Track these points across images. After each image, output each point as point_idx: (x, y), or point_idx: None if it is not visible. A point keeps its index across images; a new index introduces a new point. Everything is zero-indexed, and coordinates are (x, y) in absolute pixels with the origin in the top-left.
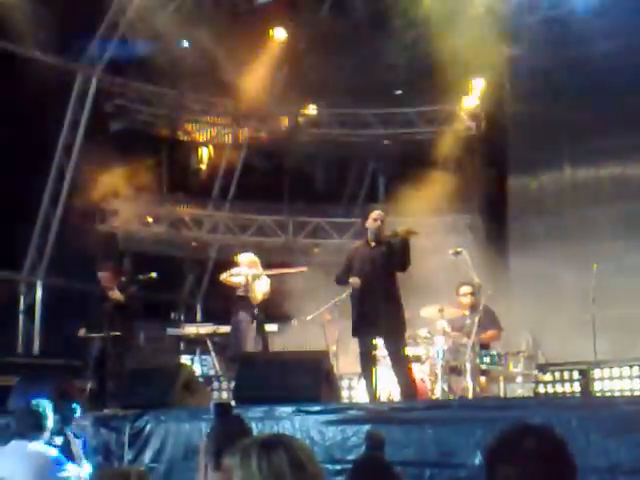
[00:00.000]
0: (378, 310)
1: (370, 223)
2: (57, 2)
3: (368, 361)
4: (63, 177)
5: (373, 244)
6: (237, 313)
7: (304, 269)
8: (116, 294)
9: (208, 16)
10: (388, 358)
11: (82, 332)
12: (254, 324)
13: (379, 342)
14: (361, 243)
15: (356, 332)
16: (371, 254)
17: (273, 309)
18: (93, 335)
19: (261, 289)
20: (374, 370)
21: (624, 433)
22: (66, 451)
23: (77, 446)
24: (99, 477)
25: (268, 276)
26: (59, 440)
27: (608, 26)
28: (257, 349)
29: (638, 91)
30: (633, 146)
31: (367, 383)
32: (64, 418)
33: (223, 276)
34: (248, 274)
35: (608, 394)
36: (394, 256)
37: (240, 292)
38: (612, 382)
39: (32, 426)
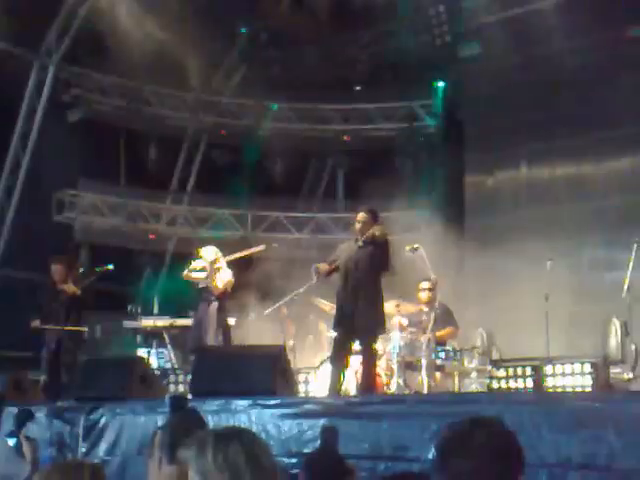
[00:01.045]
0: (357, 307)
1: (355, 225)
2: None
3: (340, 355)
4: (19, 167)
5: (360, 244)
6: (199, 305)
7: (262, 247)
8: (70, 287)
9: (168, 8)
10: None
11: (36, 323)
12: (215, 316)
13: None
14: (350, 241)
15: (335, 327)
16: (357, 253)
17: (230, 302)
18: (48, 327)
19: (223, 278)
20: (344, 366)
21: (575, 429)
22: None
23: (31, 450)
24: (52, 470)
25: (229, 262)
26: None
27: (564, 25)
28: (219, 341)
29: (593, 90)
30: (587, 145)
31: (332, 377)
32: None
33: (185, 272)
34: (207, 266)
35: (560, 390)
36: (377, 256)
37: (202, 284)
38: (564, 378)
39: None
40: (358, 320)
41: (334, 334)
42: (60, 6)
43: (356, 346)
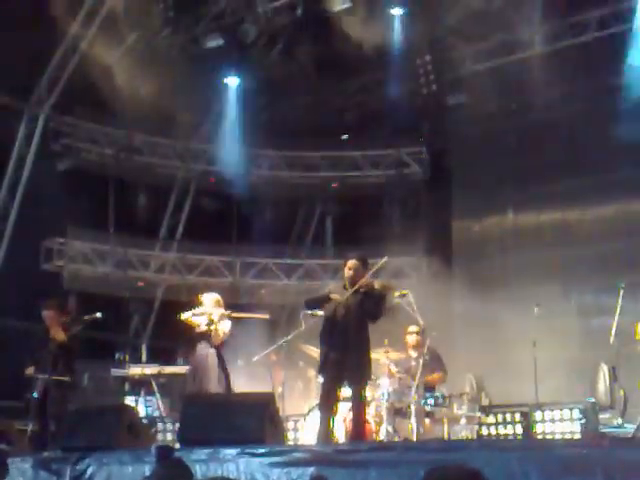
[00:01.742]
0: (345, 355)
1: (345, 272)
2: (6, 41)
3: (329, 403)
4: (7, 216)
5: (350, 291)
6: (198, 350)
7: (267, 316)
8: (59, 334)
9: (159, 58)
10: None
11: (30, 371)
12: (216, 365)
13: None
14: (339, 286)
15: (321, 372)
16: (347, 300)
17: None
18: (37, 375)
19: (224, 329)
20: (333, 412)
21: (564, 476)
22: None
23: None
24: None
25: (230, 317)
26: None
27: (548, 74)
28: (221, 387)
29: (578, 138)
30: (573, 192)
31: (322, 423)
32: None
33: (185, 315)
34: (212, 313)
35: (549, 436)
36: (368, 306)
37: (201, 329)
38: (553, 424)
39: None
40: (347, 368)
41: (322, 380)
42: (51, 57)
43: (344, 393)
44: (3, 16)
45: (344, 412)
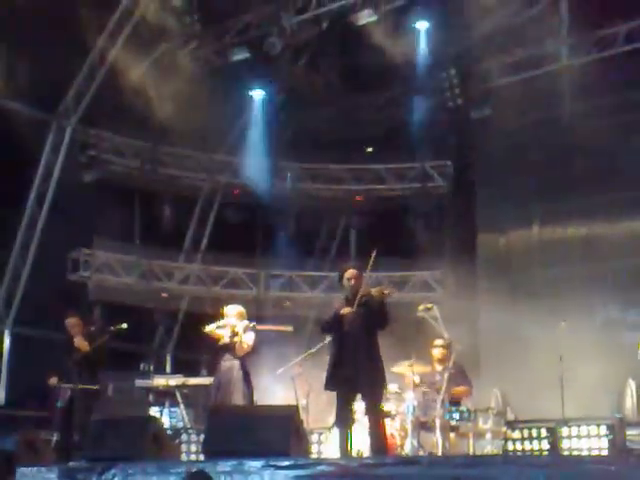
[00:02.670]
0: (357, 369)
1: (345, 282)
2: (34, 54)
3: (344, 417)
4: (35, 226)
5: (356, 301)
6: (222, 362)
7: (290, 329)
8: (83, 344)
9: (185, 71)
10: (362, 416)
11: (53, 381)
12: (241, 377)
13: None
14: (341, 299)
15: (329, 386)
16: (351, 312)
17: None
18: (62, 385)
19: (248, 341)
20: (349, 426)
21: None
22: None
23: None
24: None
25: (254, 330)
26: None
27: (575, 88)
28: (245, 399)
29: (605, 151)
30: (600, 206)
31: (341, 438)
32: None
33: (210, 327)
34: (236, 325)
35: (575, 452)
36: (372, 316)
37: (224, 341)
38: (580, 440)
39: None
40: (361, 381)
41: (331, 393)
42: (78, 69)
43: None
44: (31, 29)
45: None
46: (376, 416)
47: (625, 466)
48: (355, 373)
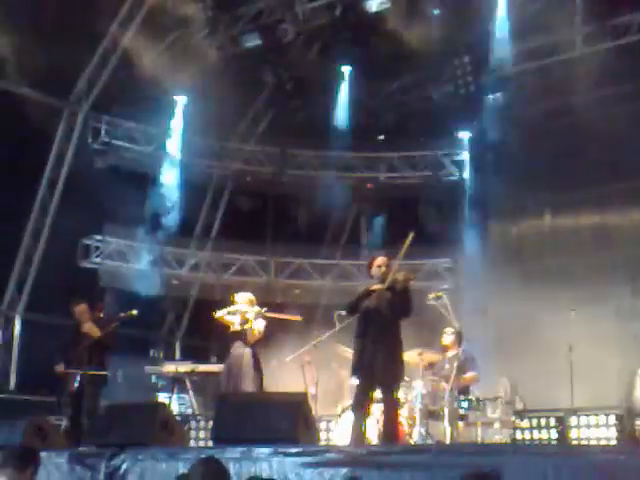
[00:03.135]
0: (377, 357)
1: (374, 270)
2: (46, 40)
3: (361, 404)
4: (46, 212)
5: (383, 289)
6: (233, 349)
7: (298, 318)
8: (92, 329)
9: (196, 57)
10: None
11: (60, 367)
12: (251, 364)
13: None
14: (368, 287)
15: (354, 373)
16: (377, 299)
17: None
18: (71, 371)
19: (258, 328)
20: (365, 415)
21: None
22: None
23: None
24: None
25: (264, 317)
26: None
27: (590, 75)
28: (255, 386)
29: (619, 140)
30: (612, 194)
31: (355, 425)
32: None
33: (220, 313)
34: (247, 311)
35: (584, 442)
36: (398, 303)
37: (235, 328)
38: (588, 430)
39: None
40: (379, 369)
41: (356, 382)
42: (91, 55)
43: (378, 394)
44: (44, 15)
45: (377, 414)
46: (391, 405)
47: (634, 456)
48: (374, 360)
